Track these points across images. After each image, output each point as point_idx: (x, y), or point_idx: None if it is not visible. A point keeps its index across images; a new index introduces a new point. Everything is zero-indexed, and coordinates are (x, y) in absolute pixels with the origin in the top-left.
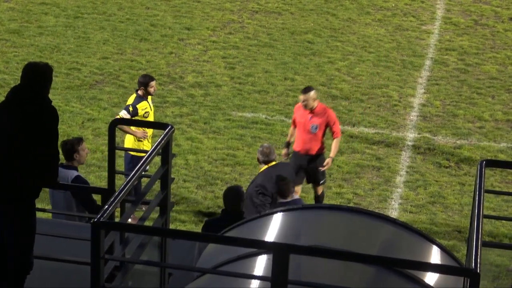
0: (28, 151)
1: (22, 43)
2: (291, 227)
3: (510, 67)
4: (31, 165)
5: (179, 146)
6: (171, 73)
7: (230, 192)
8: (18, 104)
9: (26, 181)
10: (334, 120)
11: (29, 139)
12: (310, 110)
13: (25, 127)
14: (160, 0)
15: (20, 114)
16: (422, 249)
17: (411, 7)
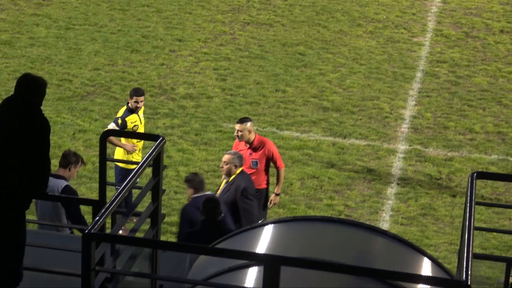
0: (19, 161)
1: (13, 54)
2: (282, 238)
3: (501, 79)
4: (22, 175)
5: (170, 158)
6: (162, 85)
7: (210, 202)
8: (10, 115)
9: (17, 191)
10: (272, 152)
11: (20, 150)
12: (248, 144)
13: (17, 138)
14: (152, 12)
15: (12, 125)
16: (413, 261)
17: (402, 19)
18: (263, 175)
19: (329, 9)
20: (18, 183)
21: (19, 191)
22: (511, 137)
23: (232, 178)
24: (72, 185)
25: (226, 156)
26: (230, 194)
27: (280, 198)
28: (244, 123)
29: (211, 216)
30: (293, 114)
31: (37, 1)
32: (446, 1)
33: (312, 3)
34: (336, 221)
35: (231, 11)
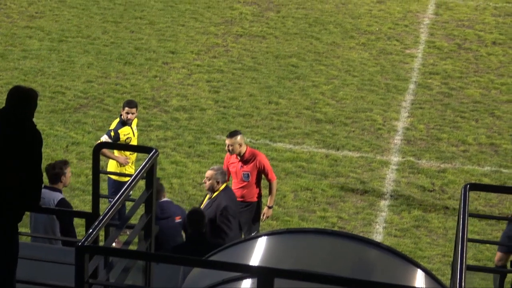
0: (12, 173)
1: (6, 67)
2: (276, 251)
3: (493, 91)
4: (15, 188)
5: (163, 170)
6: (155, 97)
7: (195, 215)
8: (1, 127)
9: (10, 203)
10: (264, 164)
11: (13, 162)
12: (239, 157)
13: (9, 150)
14: (145, 24)
15: (5, 137)
16: (407, 273)
17: (394, 31)
18: (254, 188)
19: (321, 21)
20: (11, 195)
21: (12, 203)
22: (504, 149)
23: (215, 194)
24: (65, 198)
25: (209, 171)
26: (212, 210)
27: (273, 211)
28: (234, 137)
29: (196, 229)
30: (286, 126)
31: (30, 13)
32: (438, 13)
33: (304, 15)
34: (329, 233)
35: (224, 23)
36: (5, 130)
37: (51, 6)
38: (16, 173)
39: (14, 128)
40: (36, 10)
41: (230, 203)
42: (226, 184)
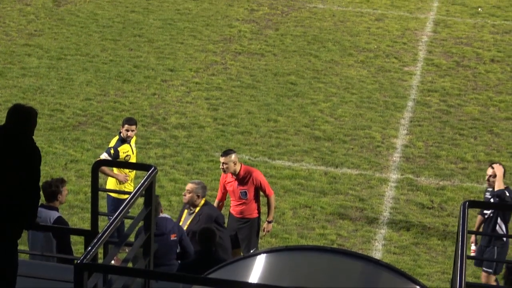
0: (10, 191)
1: (5, 84)
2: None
3: (492, 108)
4: (14, 205)
5: (162, 188)
6: (154, 114)
7: (206, 233)
8: (2, 145)
9: (9, 220)
10: (260, 181)
11: (12, 179)
12: (235, 176)
13: (9, 168)
14: (143, 42)
15: (4, 155)
16: None
17: (393, 49)
18: (253, 204)
19: (320, 39)
20: (9, 213)
21: (11, 221)
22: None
23: (199, 208)
24: (64, 215)
25: (190, 185)
26: (201, 224)
27: (272, 227)
28: (228, 155)
29: (207, 246)
30: (285, 143)
31: (28, 31)
32: (436, 31)
33: (303, 32)
34: (328, 250)
35: (222, 41)
36: (4, 147)
37: (50, 24)
38: (15, 190)
39: (13, 146)
40: (35, 28)
41: (219, 213)
42: (204, 199)
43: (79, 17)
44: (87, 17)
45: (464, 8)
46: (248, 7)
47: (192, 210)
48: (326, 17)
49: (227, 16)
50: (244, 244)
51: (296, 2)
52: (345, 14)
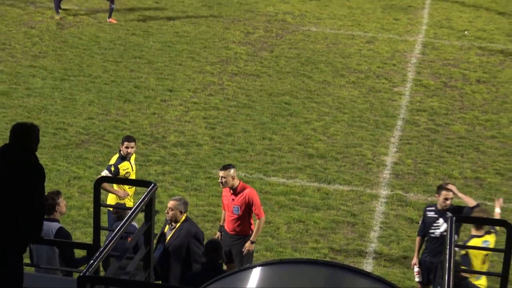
0: (16, 207)
1: (10, 104)
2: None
3: (478, 127)
4: (19, 220)
5: (162, 203)
6: (154, 133)
7: (213, 245)
8: (6, 162)
9: (15, 235)
10: (252, 201)
11: (16, 195)
12: (232, 190)
13: (13, 185)
14: (143, 63)
15: (8, 172)
16: None
17: (383, 70)
18: (246, 221)
19: (313, 60)
20: (15, 228)
21: (17, 235)
22: (488, 183)
23: (180, 224)
24: (67, 229)
25: (172, 202)
26: (181, 239)
27: (266, 243)
28: (227, 170)
29: (213, 258)
30: (279, 161)
31: (33, 53)
32: (425, 52)
33: (297, 54)
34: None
35: (219, 62)
36: (9, 165)
37: (53, 46)
38: (20, 206)
39: (17, 164)
40: (40, 50)
41: (198, 229)
42: (186, 215)
43: (82, 40)
44: (90, 40)
45: (451, 31)
46: (244, 30)
47: (173, 226)
48: (319, 39)
49: (224, 38)
50: (237, 260)
51: (290, 26)
52: (337, 36)
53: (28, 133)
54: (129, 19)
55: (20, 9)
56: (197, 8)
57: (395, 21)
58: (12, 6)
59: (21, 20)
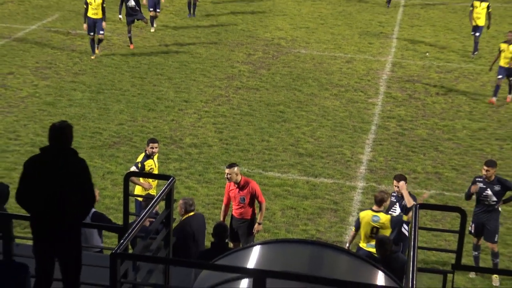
0: (69, 196)
1: (56, 113)
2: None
3: (437, 131)
4: (75, 205)
5: (179, 193)
6: (172, 136)
7: (219, 228)
8: (50, 160)
9: (75, 217)
10: (255, 191)
11: (70, 185)
12: (236, 184)
13: (67, 175)
14: (164, 79)
15: (60, 166)
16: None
17: (360, 85)
18: (249, 208)
19: (303, 77)
20: (73, 211)
21: (76, 217)
22: (445, 176)
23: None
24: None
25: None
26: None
27: (265, 225)
28: (232, 168)
29: (221, 238)
30: (275, 158)
31: (74, 71)
32: (394, 70)
33: (289, 72)
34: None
35: (226, 78)
36: (54, 162)
37: (91, 65)
38: (72, 195)
39: (59, 161)
40: (79, 68)
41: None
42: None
43: (114, 60)
44: (120, 60)
45: (415, 52)
46: (246, 52)
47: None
48: (307, 60)
49: (230, 59)
50: (243, 239)
51: (284, 48)
52: (322, 57)
53: (61, 131)
54: (152, 44)
55: (63, 35)
56: (208, 34)
57: (369, 45)
58: (57, 33)
59: (64, 44)
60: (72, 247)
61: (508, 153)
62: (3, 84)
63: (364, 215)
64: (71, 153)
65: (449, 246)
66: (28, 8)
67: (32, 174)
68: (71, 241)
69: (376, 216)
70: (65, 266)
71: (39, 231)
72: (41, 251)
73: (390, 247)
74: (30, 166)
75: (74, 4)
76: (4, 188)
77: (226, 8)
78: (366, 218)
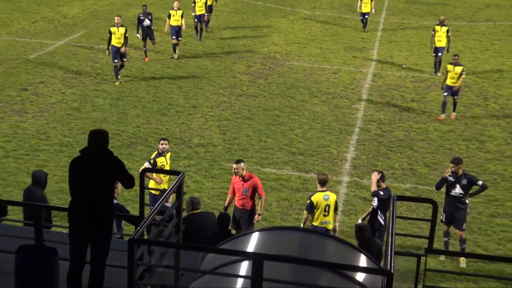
0: (107, 188)
1: (81, 117)
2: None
3: (412, 133)
4: (110, 199)
5: (188, 187)
6: (182, 137)
7: (223, 218)
8: (91, 159)
9: (110, 208)
10: (257, 185)
11: (107, 180)
12: (241, 178)
13: (104, 172)
14: (175, 88)
15: (101, 164)
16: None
17: (345, 92)
18: (249, 200)
19: (295, 86)
20: (109, 205)
21: (111, 208)
22: (419, 172)
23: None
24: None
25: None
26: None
27: (262, 215)
28: (239, 163)
29: (224, 226)
30: (271, 157)
31: (97, 80)
32: (374, 80)
33: (284, 81)
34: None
35: (229, 87)
36: (96, 160)
37: (111, 75)
38: (109, 187)
39: (100, 159)
40: (102, 78)
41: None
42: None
43: (131, 71)
44: (137, 71)
45: (392, 65)
46: (246, 64)
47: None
48: (299, 71)
49: (232, 70)
50: (244, 227)
51: (279, 61)
52: (312, 68)
53: (100, 135)
54: (164, 57)
55: (87, 49)
56: (213, 49)
57: (353, 58)
58: (82, 47)
59: (88, 57)
60: (105, 236)
61: (474, 152)
62: (25, 88)
63: (316, 197)
64: (107, 153)
65: (422, 232)
66: (57, 26)
67: (75, 172)
68: (105, 231)
69: (326, 195)
70: (96, 251)
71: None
72: (78, 238)
73: (368, 234)
74: (73, 165)
75: (96, 23)
76: (43, 175)
77: (229, 27)
78: (319, 199)
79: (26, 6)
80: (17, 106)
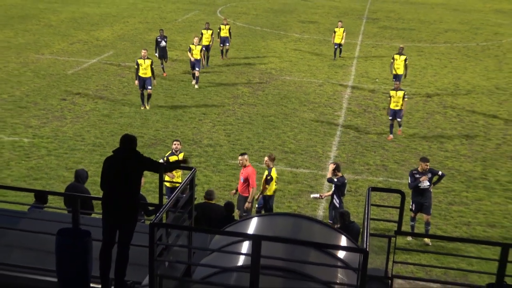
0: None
1: (110, 122)
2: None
3: (384, 135)
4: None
5: (199, 180)
6: (194, 139)
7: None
8: (122, 159)
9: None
10: (249, 175)
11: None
12: (243, 168)
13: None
14: (188, 98)
15: (130, 163)
16: (336, 238)
17: (328, 102)
18: (246, 188)
19: (288, 96)
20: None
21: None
22: (390, 168)
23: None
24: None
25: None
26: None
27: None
28: (243, 156)
29: (229, 213)
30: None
31: (123, 92)
32: (353, 92)
33: (278, 92)
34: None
35: (233, 97)
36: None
37: (135, 88)
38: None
39: (131, 159)
40: (128, 90)
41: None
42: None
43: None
44: (157, 84)
45: (368, 79)
46: (247, 78)
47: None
48: (291, 84)
49: (235, 83)
50: (240, 211)
51: (274, 76)
52: (301, 82)
53: (131, 139)
54: (180, 72)
55: (115, 66)
56: (219, 66)
57: (335, 73)
58: (111, 64)
59: (116, 72)
60: (132, 223)
61: (435, 151)
62: (64, 98)
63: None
64: (135, 153)
65: (392, 218)
66: (91, 47)
67: (108, 168)
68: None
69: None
70: (123, 233)
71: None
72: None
73: (348, 218)
74: (107, 162)
75: (123, 44)
76: (84, 172)
77: (232, 47)
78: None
79: (65, 30)
80: (58, 113)
